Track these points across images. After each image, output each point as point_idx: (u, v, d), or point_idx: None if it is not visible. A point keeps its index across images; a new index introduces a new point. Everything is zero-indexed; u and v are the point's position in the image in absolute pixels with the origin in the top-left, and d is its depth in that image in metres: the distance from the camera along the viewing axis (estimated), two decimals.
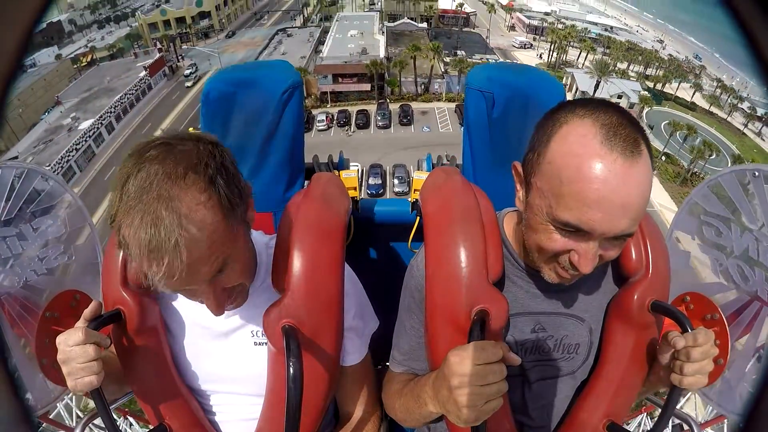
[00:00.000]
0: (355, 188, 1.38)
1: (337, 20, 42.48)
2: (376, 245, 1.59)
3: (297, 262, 0.92)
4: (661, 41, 53.47)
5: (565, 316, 0.96)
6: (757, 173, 1.18)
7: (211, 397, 1.06)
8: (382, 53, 35.75)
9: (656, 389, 1.04)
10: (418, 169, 1.51)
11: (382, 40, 37.84)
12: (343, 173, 1.44)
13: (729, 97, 38.83)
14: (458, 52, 38.58)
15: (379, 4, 48.21)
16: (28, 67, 44.18)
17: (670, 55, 46.35)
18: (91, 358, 0.81)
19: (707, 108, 38.80)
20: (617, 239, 0.76)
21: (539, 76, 1.31)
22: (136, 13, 50.59)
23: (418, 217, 1.13)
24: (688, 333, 0.82)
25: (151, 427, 1.01)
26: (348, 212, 1.12)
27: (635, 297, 0.92)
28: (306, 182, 1.36)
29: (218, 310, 0.83)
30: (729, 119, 37.70)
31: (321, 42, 40.35)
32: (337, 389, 1.07)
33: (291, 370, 0.79)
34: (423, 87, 34.85)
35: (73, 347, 0.81)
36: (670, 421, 1.21)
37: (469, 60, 35.61)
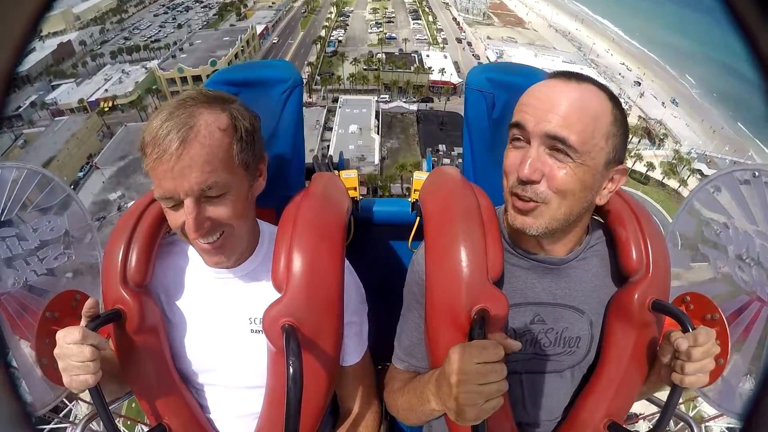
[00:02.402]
0: (355, 188, 1.38)
1: (340, 106, 46.23)
2: (376, 245, 1.58)
3: (297, 261, 0.92)
4: (638, 83, 56.45)
5: (564, 307, 0.96)
6: (757, 173, 1.19)
7: (210, 390, 1.06)
8: (377, 158, 39.93)
9: (658, 389, 1.04)
10: (418, 170, 1.51)
11: (377, 140, 41.76)
12: (343, 173, 1.44)
13: (684, 167, 41.02)
14: (440, 147, 41.38)
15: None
16: (53, 110, 47.14)
17: (639, 115, 48.79)
18: (87, 359, 0.82)
19: (660, 179, 40.87)
20: (559, 152, 0.81)
21: (538, 76, 1.31)
22: (153, 64, 53.76)
23: (418, 218, 1.13)
24: (689, 333, 0.82)
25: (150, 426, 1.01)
26: (348, 212, 1.12)
27: (636, 296, 0.92)
28: (306, 182, 1.36)
29: (194, 231, 0.84)
30: (680, 189, 39.42)
31: (327, 128, 44.31)
32: (336, 388, 1.08)
33: (291, 370, 0.79)
34: (408, 191, 37.20)
35: (70, 345, 0.82)
36: None
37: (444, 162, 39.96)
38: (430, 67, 52.81)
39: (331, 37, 64.55)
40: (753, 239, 1.20)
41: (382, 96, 49.55)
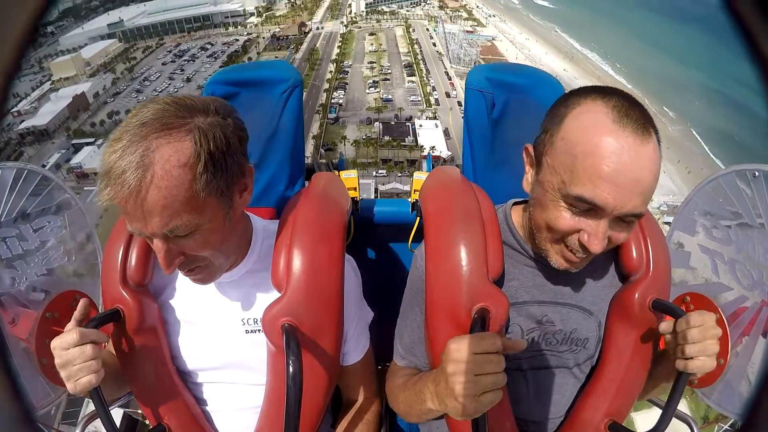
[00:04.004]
0: (355, 188, 1.38)
1: None
2: (376, 245, 1.58)
3: (297, 261, 0.92)
4: None
5: (572, 308, 0.96)
6: (757, 173, 1.18)
7: (209, 387, 1.06)
8: None
9: (660, 389, 1.04)
10: (418, 170, 1.51)
11: None
12: (343, 173, 1.44)
13: None
14: None
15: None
16: (78, 173, 48.91)
17: None
18: (89, 357, 0.81)
19: None
20: (626, 221, 0.77)
21: (538, 75, 1.31)
22: None
23: (418, 218, 1.13)
24: (681, 318, 0.82)
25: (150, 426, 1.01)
26: (348, 212, 1.12)
27: (636, 295, 0.92)
28: (306, 182, 1.36)
29: (165, 268, 0.82)
30: None
31: None
32: (336, 385, 1.08)
33: (290, 369, 0.79)
34: None
35: (70, 349, 0.81)
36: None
37: None
38: (422, 146, 54.96)
39: (333, 100, 65.74)
40: (753, 239, 1.20)
41: (379, 171, 52.01)
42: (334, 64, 76.20)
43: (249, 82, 1.25)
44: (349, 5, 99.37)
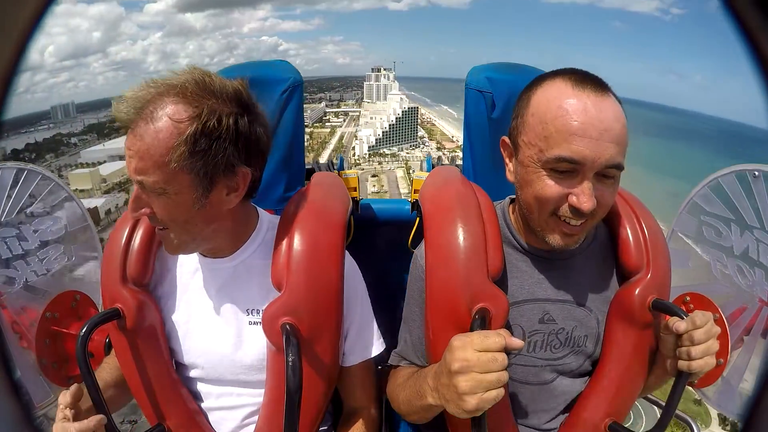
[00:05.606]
0: (355, 188, 1.38)
1: None
2: (376, 245, 1.58)
3: (296, 257, 0.92)
4: None
5: (572, 305, 0.96)
6: (757, 173, 1.19)
7: (207, 383, 1.05)
8: None
9: (661, 384, 1.04)
10: (419, 170, 1.51)
11: None
12: (344, 173, 1.44)
13: None
14: None
15: None
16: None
17: None
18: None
19: None
20: (609, 176, 0.81)
21: (538, 75, 1.31)
22: None
23: (418, 218, 1.13)
24: (687, 318, 0.82)
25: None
26: (348, 210, 1.12)
27: (636, 295, 0.92)
28: (306, 182, 1.36)
29: (130, 209, 0.87)
30: None
31: None
32: (337, 387, 1.07)
33: (290, 360, 0.79)
34: None
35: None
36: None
37: None
38: None
39: None
40: (753, 239, 1.20)
41: None
42: None
43: (249, 81, 1.25)
44: (353, 148, 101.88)
